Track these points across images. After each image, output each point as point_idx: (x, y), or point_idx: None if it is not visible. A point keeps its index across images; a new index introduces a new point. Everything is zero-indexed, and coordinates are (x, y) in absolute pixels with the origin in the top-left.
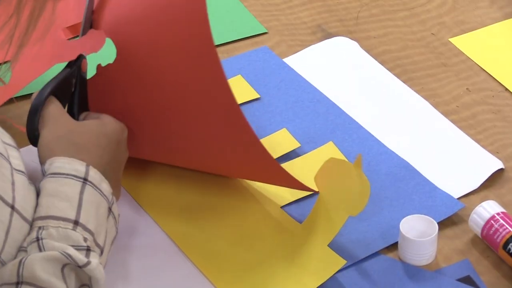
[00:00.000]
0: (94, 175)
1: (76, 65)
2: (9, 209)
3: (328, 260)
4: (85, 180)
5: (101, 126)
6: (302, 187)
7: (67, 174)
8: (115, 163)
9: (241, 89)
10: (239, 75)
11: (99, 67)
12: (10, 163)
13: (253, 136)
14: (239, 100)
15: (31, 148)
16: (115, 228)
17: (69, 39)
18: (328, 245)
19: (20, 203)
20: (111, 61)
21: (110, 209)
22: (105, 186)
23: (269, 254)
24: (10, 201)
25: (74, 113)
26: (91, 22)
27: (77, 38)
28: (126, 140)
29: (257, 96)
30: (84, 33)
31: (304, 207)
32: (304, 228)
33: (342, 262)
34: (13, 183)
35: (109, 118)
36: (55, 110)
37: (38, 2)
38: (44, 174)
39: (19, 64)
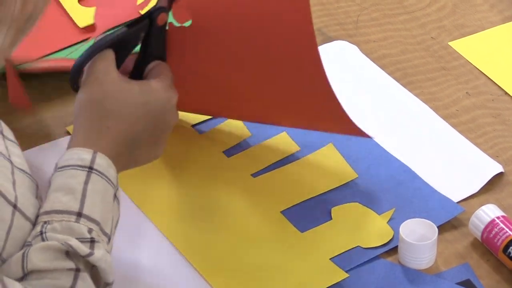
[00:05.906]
0: (100, 161)
1: (150, 18)
2: (11, 208)
3: (330, 273)
4: (90, 168)
5: (145, 94)
6: (359, 132)
7: (73, 165)
8: (154, 129)
9: None
10: None
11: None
12: (11, 162)
13: (326, 80)
14: None
15: (34, 151)
16: (119, 211)
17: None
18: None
19: (22, 201)
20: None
21: (115, 195)
22: (112, 172)
23: (268, 259)
24: (12, 200)
25: (139, 64)
26: None
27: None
28: (174, 107)
29: None
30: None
31: (303, 212)
32: (307, 238)
33: (344, 275)
34: (14, 182)
35: (159, 84)
36: (103, 67)
37: None
38: (55, 168)
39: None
